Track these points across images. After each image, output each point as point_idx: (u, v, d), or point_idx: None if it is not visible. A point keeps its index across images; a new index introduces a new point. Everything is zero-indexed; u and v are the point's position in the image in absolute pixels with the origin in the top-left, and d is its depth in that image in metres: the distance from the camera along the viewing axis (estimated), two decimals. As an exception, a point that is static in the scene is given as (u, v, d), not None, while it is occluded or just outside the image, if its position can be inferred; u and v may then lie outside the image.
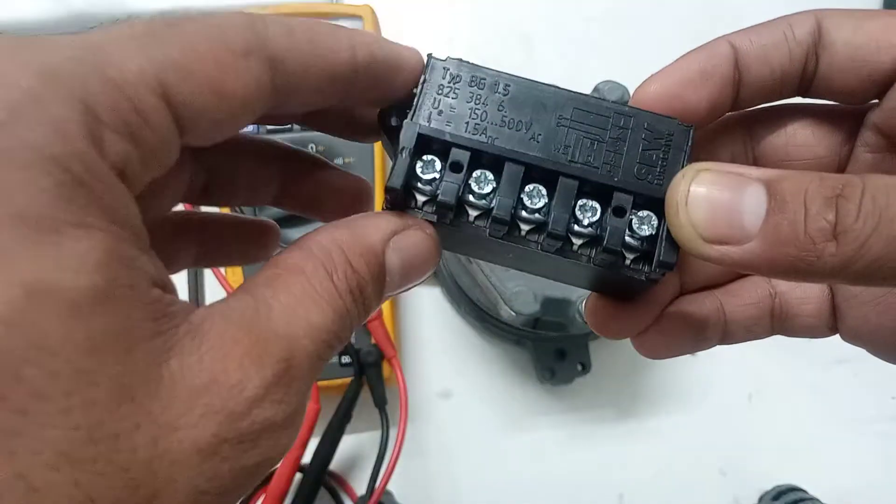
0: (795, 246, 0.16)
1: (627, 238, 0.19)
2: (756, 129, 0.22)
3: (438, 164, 0.19)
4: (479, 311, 0.44)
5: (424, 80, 0.19)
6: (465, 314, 0.47)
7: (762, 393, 0.48)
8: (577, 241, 0.19)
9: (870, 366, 0.48)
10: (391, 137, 0.20)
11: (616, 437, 0.47)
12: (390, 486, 0.42)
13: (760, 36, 0.20)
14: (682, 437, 0.47)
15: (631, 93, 0.42)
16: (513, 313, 0.39)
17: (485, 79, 0.20)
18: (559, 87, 0.20)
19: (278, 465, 0.40)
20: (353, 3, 0.46)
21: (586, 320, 0.23)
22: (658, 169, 0.19)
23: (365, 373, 0.41)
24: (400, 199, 0.19)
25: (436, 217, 0.19)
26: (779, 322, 0.23)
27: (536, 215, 0.19)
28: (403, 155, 0.19)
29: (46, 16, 0.47)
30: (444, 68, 0.19)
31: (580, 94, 0.20)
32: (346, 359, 0.41)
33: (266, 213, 0.42)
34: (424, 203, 0.19)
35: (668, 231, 0.18)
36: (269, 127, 0.43)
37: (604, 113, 0.19)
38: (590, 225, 0.19)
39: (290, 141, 0.42)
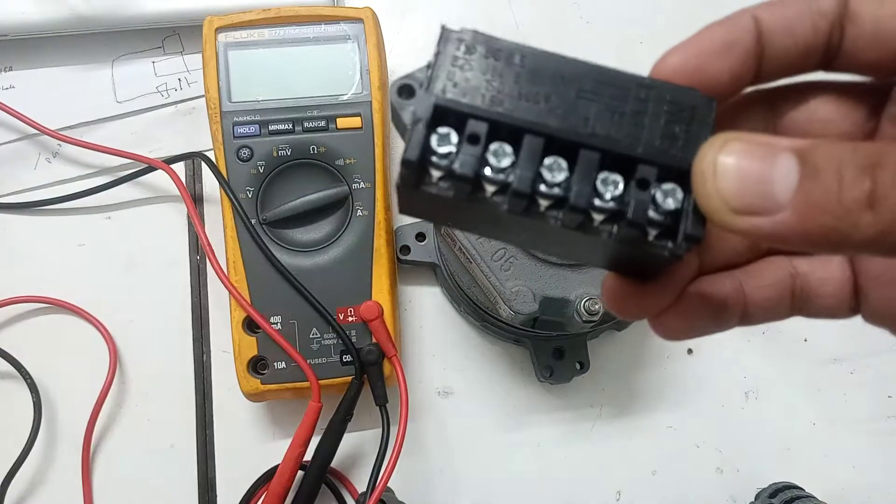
0: (829, 215, 0.15)
1: (651, 212, 0.18)
2: (778, 105, 0.22)
3: (454, 138, 0.18)
4: (478, 311, 0.45)
5: (439, 52, 0.19)
6: (464, 314, 0.47)
7: (759, 391, 0.48)
8: (598, 217, 0.18)
9: (866, 364, 0.49)
10: (403, 113, 0.19)
11: (614, 434, 0.47)
12: (391, 484, 0.42)
13: (784, 7, 0.20)
14: (679, 435, 0.47)
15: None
16: (512, 313, 0.39)
17: (501, 50, 0.19)
18: (578, 59, 0.19)
19: (279, 463, 0.40)
20: (353, 6, 0.46)
21: (603, 300, 0.22)
22: (681, 141, 0.18)
23: (366, 372, 0.41)
24: (414, 175, 0.18)
25: (452, 192, 0.18)
26: (799, 303, 0.22)
27: (556, 189, 0.18)
28: (419, 127, 0.18)
29: (47, 16, 0.48)
30: (458, 40, 0.19)
31: (599, 65, 0.19)
32: (347, 358, 0.42)
33: (269, 212, 0.43)
34: (440, 178, 0.18)
35: (695, 204, 0.17)
36: (272, 128, 0.43)
37: (624, 85, 0.19)
38: (612, 199, 0.18)
39: (291, 143, 0.43)
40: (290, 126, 0.43)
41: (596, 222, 0.18)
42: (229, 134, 0.43)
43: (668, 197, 0.18)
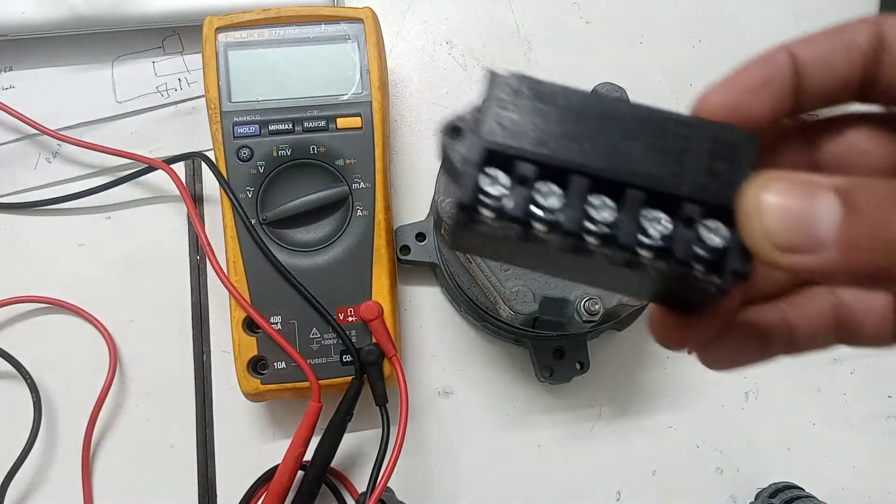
0: (871, 253, 0.16)
1: (697, 249, 0.18)
2: (816, 137, 0.22)
3: (504, 179, 0.19)
4: (478, 311, 0.45)
5: (487, 96, 0.19)
6: (464, 314, 0.47)
7: (759, 391, 0.48)
8: (645, 254, 0.19)
9: (867, 364, 0.49)
10: (452, 153, 0.19)
11: (614, 434, 0.47)
12: (391, 484, 0.42)
13: (820, 43, 0.20)
14: (679, 435, 0.47)
15: (629, 95, 0.42)
16: (512, 313, 0.39)
17: (546, 93, 0.19)
18: (620, 99, 0.20)
19: (279, 463, 0.40)
20: (353, 6, 0.46)
21: (650, 332, 0.23)
22: (724, 178, 0.19)
23: (366, 372, 0.41)
24: (467, 216, 0.19)
25: (503, 232, 0.19)
26: (843, 333, 0.23)
27: (604, 228, 0.18)
28: (470, 170, 0.18)
29: (47, 16, 0.48)
30: (505, 83, 0.19)
31: (642, 105, 0.20)
32: (347, 358, 0.42)
33: (269, 212, 0.43)
34: (491, 219, 0.19)
35: (740, 240, 0.18)
36: (272, 128, 0.43)
37: (665, 123, 0.19)
38: (659, 237, 0.19)
39: (291, 142, 0.43)
40: (290, 126, 0.43)
41: (643, 259, 0.19)
42: (229, 134, 0.43)
43: (714, 234, 0.18)
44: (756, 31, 0.54)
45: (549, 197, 0.19)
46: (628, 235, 0.18)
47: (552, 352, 0.45)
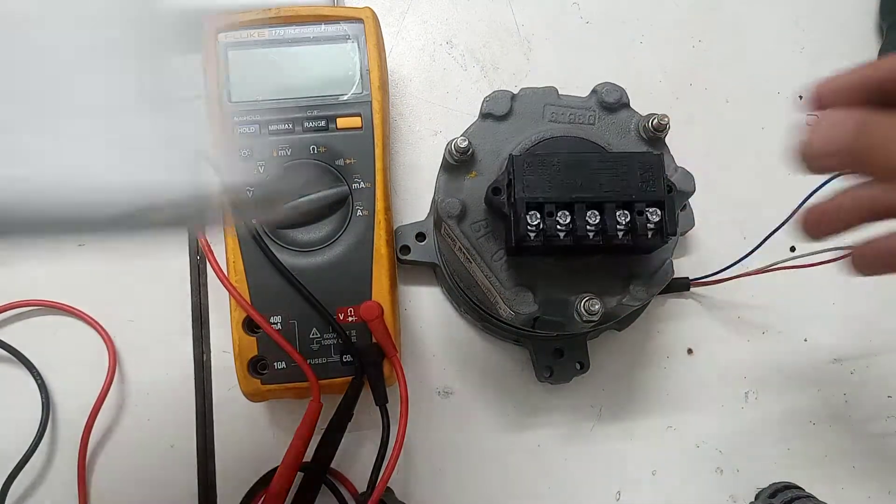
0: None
1: (647, 224, 0.34)
2: None
3: (538, 214, 0.35)
4: (478, 311, 0.45)
5: (514, 170, 0.35)
6: (465, 314, 0.47)
7: (759, 391, 0.48)
8: (620, 234, 0.35)
9: (866, 364, 0.49)
10: (498, 203, 0.37)
11: (614, 435, 0.47)
12: (391, 484, 0.42)
13: None
14: (679, 435, 0.47)
15: (629, 95, 0.42)
16: (512, 313, 0.39)
17: (546, 158, 0.35)
18: (587, 152, 0.38)
19: (279, 464, 0.40)
20: (353, 6, 0.46)
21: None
22: (652, 183, 0.35)
23: (366, 371, 0.41)
24: (522, 241, 0.35)
25: (541, 242, 0.35)
26: None
27: (595, 226, 0.35)
28: (521, 214, 0.35)
29: (48, 17, 0.48)
30: (521, 160, 0.35)
31: (602, 153, 0.37)
32: (347, 358, 0.42)
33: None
34: (535, 236, 0.35)
35: (668, 218, 0.35)
36: (272, 128, 0.43)
37: (614, 160, 0.35)
38: (625, 223, 0.35)
39: (291, 143, 0.43)
40: (290, 126, 0.43)
41: (620, 235, 0.35)
42: (229, 134, 0.43)
43: (654, 216, 0.35)
44: (756, 31, 0.54)
45: (564, 218, 0.34)
46: (611, 229, 0.35)
47: (552, 352, 0.45)
